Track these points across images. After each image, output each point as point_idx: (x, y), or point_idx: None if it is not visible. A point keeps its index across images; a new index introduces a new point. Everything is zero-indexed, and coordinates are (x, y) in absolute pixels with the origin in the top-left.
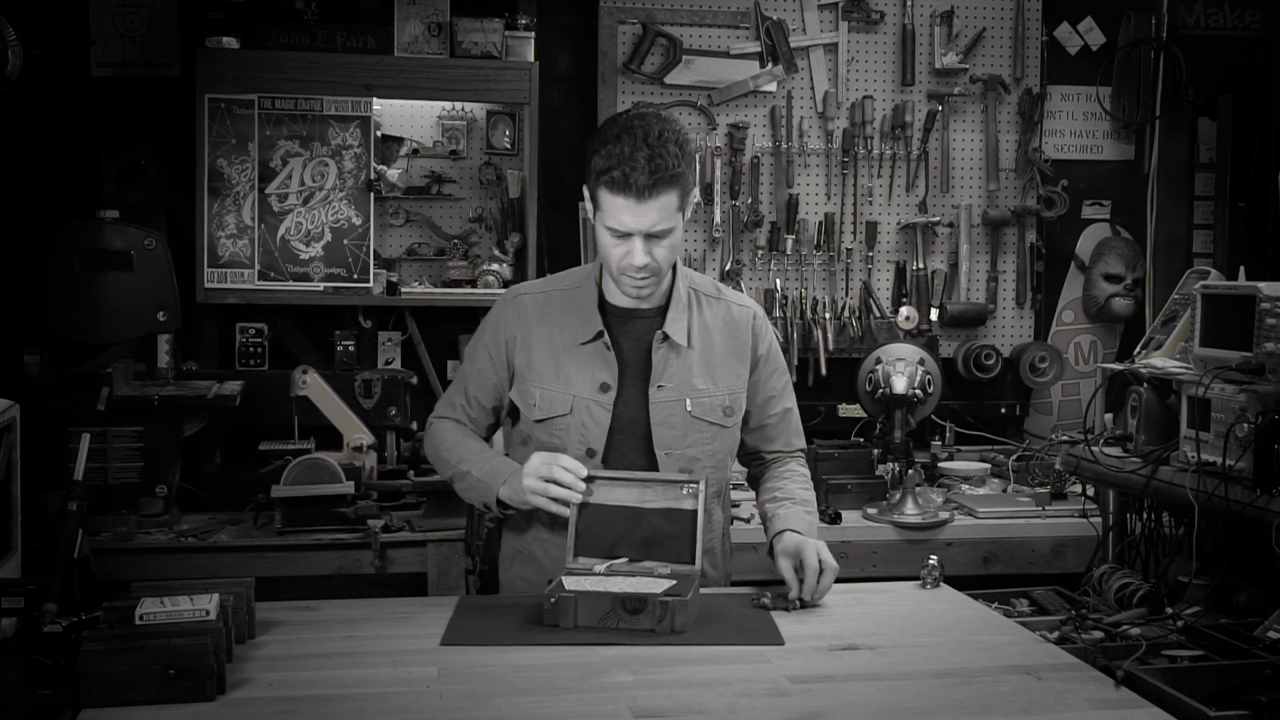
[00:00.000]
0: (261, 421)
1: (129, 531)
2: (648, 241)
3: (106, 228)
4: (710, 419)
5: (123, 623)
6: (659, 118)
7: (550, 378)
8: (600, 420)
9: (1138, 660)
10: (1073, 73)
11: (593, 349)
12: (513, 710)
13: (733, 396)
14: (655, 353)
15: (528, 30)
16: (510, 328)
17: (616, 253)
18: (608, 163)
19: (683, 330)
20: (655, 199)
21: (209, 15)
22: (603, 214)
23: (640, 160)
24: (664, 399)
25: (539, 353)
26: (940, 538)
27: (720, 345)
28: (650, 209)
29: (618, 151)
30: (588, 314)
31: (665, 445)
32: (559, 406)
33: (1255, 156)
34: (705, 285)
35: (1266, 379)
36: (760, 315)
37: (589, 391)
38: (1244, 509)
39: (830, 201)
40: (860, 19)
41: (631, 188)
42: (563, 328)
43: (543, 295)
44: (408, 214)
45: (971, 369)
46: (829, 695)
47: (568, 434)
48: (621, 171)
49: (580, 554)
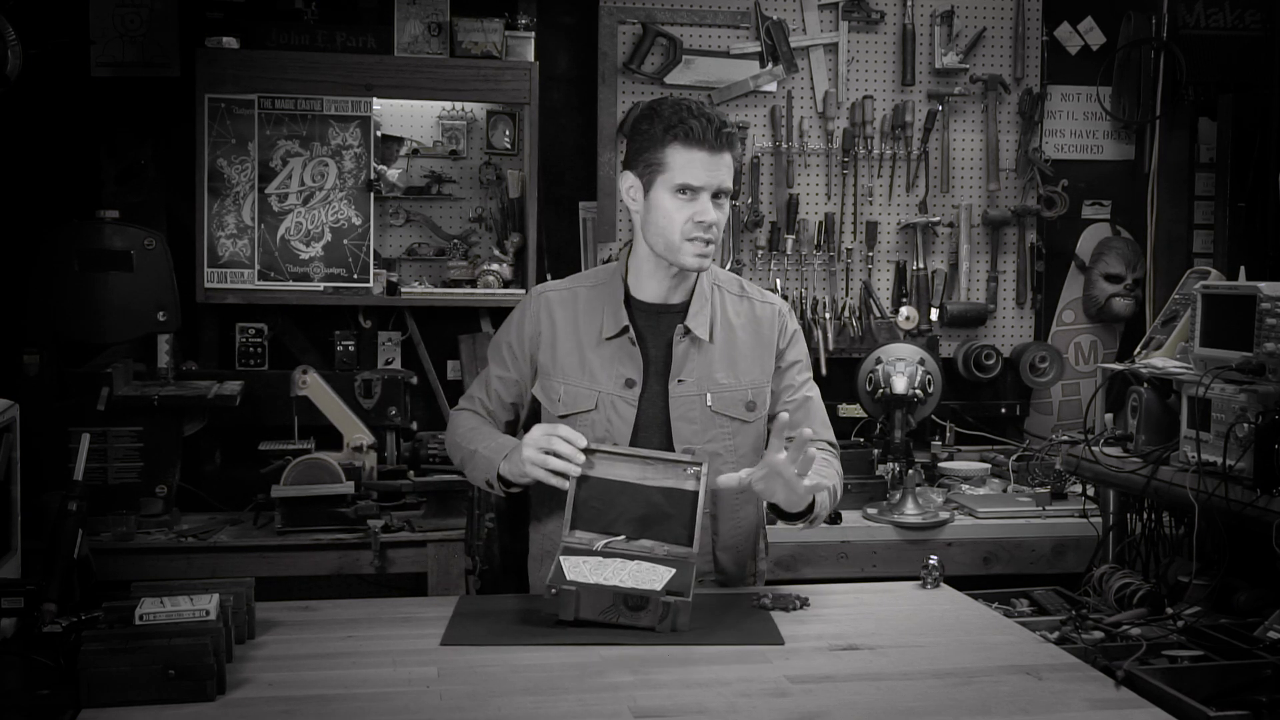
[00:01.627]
0: (261, 421)
1: (129, 531)
2: (714, 200)
3: (106, 228)
4: (731, 414)
5: (123, 623)
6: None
7: (575, 373)
8: (625, 416)
9: (1138, 660)
10: (1073, 73)
11: (618, 344)
12: (513, 710)
13: (756, 391)
14: (676, 347)
15: (528, 30)
16: (535, 324)
17: (683, 214)
18: (677, 117)
19: (705, 324)
20: (724, 154)
21: (209, 15)
22: (670, 174)
23: (710, 113)
24: (684, 393)
25: (564, 348)
26: (940, 538)
27: (744, 340)
28: (722, 162)
29: (683, 109)
30: (614, 309)
31: (685, 440)
32: (584, 402)
33: (1255, 156)
34: (728, 281)
35: (1267, 379)
36: (785, 310)
37: (614, 387)
38: (1244, 509)
39: (830, 201)
40: (860, 19)
41: (706, 140)
42: (588, 323)
43: (568, 292)
44: (408, 214)
45: (972, 369)
46: (829, 695)
47: (592, 430)
48: (698, 123)
49: (577, 527)
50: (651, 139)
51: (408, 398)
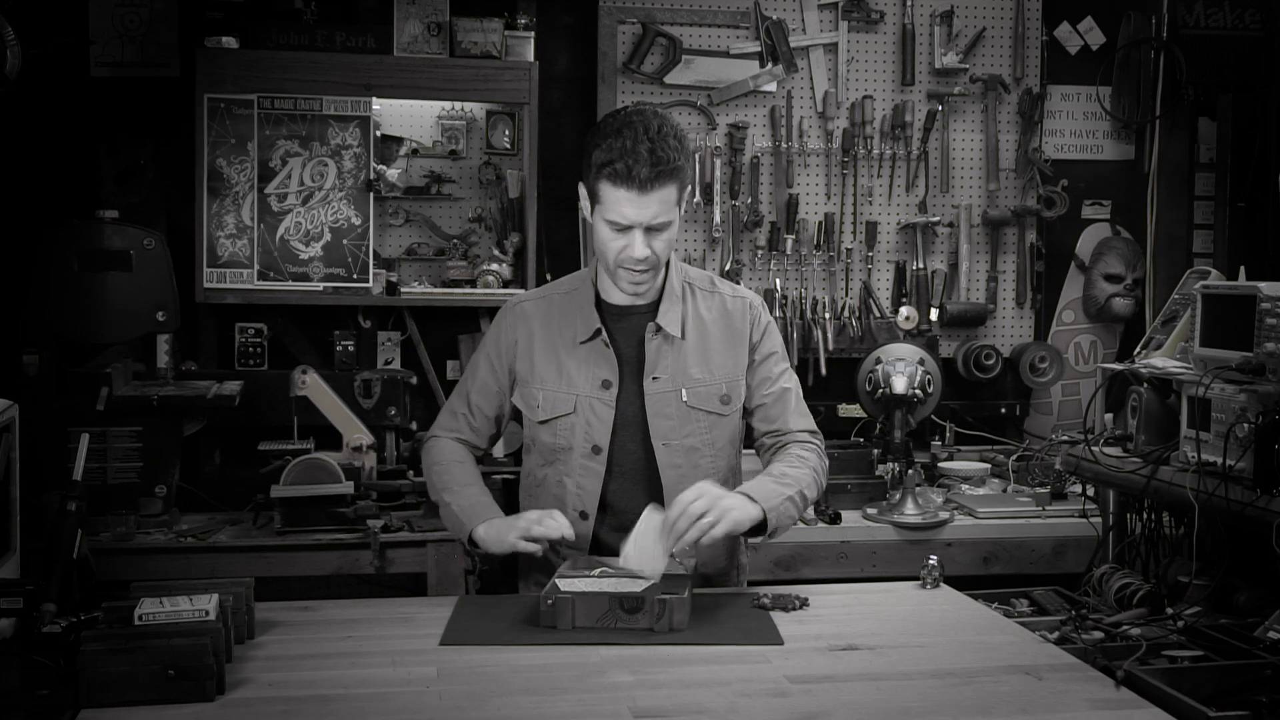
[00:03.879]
0: (261, 421)
1: (128, 531)
2: (647, 234)
3: (106, 228)
4: (707, 408)
5: (122, 623)
6: (656, 114)
7: (552, 379)
8: (604, 417)
9: (1138, 660)
10: (1073, 72)
11: (592, 347)
12: (513, 710)
13: (730, 384)
14: (649, 344)
15: (527, 30)
16: (511, 334)
17: (615, 246)
18: (609, 155)
19: (676, 321)
20: (656, 191)
21: (209, 15)
22: (603, 207)
23: (642, 152)
24: (659, 390)
25: (540, 355)
26: (940, 538)
27: (716, 334)
28: (651, 201)
29: (619, 145)
30: (585, 314)
31: (662, 436)
32: (562, 406)
33: (1255, 156)
34: (699, 279)
35: (1267, 379)
36: (758, 304)
37: (591, 389)
38: (1244, 509)
39: (830, 201)
40: (860, 19)
41: (634, 179)
42: (562, 329)
43: (543, 300)
44: (407, 214)
45: (971, 369)
46: (829, 695)
47: (573, 433)
48: (625, 164)
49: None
50: (590, 166)
51: (407, 398)
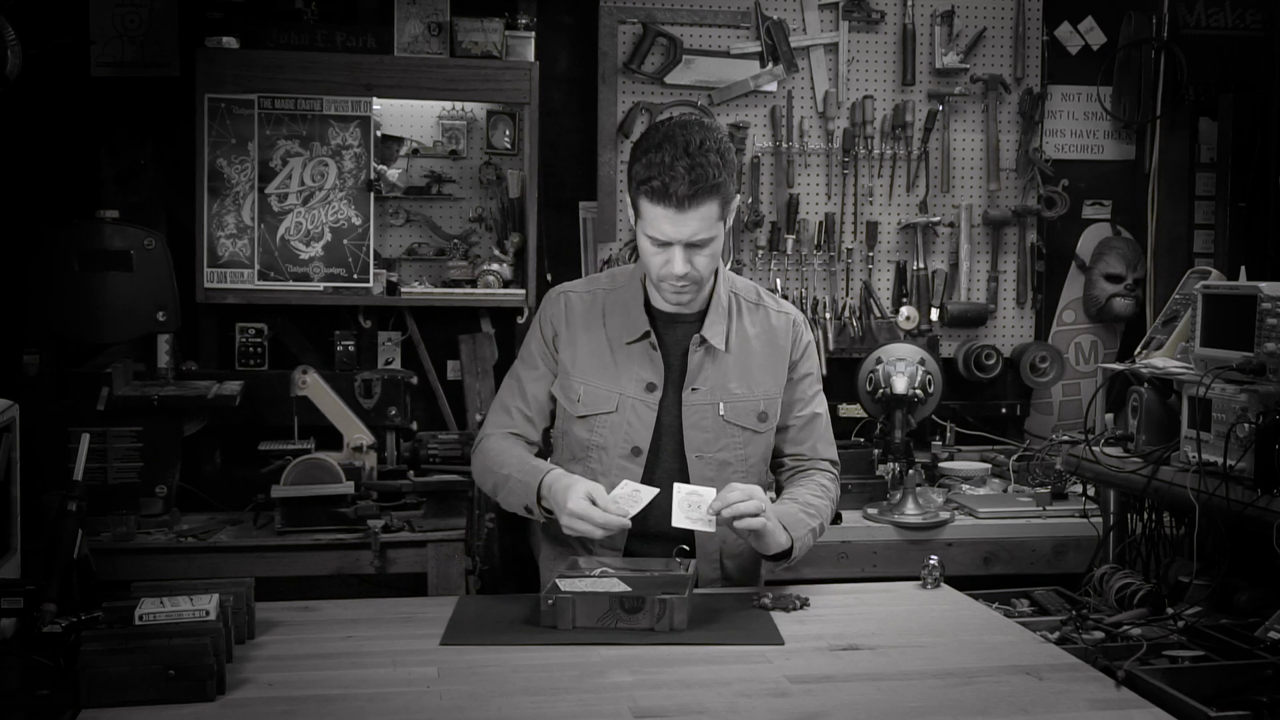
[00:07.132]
0: (261, 421)
1: (129, 531)
2: (688, 250)
3: (106, 227)
4: (743, 424)
5: (122, 623)
6: (701, 125)
7: (595, 374)
8: (645, 420)
9: (1138, 660)
10: (1073, 72)
11: (639, 349)
12: (513, 710)
13: (768, 402)
14: (691, 356)
15: (528, 30)
16: (555, 323)
17: (656, 260)
18: (648, 172)
19: (721, 335)
20: (695, 209)
21: (209, 15)
22: (643, 222)
23: (680, 170)
24: (697, 401)
25: (585, 349)
26: (940, 538)
27: (759, 350)
28: (690, 219)
29: (658, 160)
30: (634, 313)
31: (696, 448)
32: (605, 404)
33: (1256, 156)
34: (747, 291)
35: (1267, 379)
36: (800, 321)
37: (635, 390)
38: (1245, 509)
39: (830, 201)
40: (860, 19)
41: (671, 197)
42: (609, 326)
43: (588, 294)
44: (408, 214)
45: (972, 369)
46: (829, 695)
47: (612, 432)
48: (661, 181)
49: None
50: (631, 179)
51: (408, 398)
